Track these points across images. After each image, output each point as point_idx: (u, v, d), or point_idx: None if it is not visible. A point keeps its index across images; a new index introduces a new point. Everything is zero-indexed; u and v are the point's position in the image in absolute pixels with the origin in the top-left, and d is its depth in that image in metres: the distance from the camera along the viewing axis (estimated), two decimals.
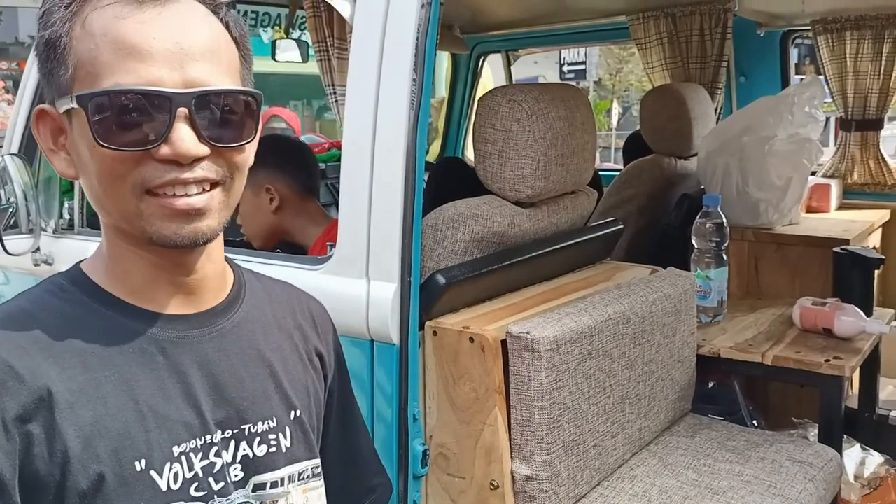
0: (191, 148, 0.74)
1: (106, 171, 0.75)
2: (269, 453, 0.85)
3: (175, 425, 0.78)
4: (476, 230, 1.49)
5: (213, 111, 0.76)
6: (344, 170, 1.36)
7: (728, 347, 1.80)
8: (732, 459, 1.53)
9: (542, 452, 1.29)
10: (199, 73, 0.75)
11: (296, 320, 0.96)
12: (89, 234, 1.82)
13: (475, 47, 3.68)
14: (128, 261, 0.81)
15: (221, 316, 0.85)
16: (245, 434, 0.83)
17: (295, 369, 0.92)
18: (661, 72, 2.94)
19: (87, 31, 0.74)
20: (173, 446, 0.78)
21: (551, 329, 1.31)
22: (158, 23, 0.74)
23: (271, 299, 0.94)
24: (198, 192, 0.77)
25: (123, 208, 0.77)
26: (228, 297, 0.88)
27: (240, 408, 0.83)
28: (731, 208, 2.23)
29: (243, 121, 0.79)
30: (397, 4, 1.29)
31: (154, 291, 0.81)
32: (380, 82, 1.31)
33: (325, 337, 0.99)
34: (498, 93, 1.54)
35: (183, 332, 0.82)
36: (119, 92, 0.73)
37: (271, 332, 0.91)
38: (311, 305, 1.00)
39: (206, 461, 0.80)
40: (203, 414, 0.80)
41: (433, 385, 1.35)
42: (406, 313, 1.28)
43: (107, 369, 0.76)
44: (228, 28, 0.81)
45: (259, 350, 0.88)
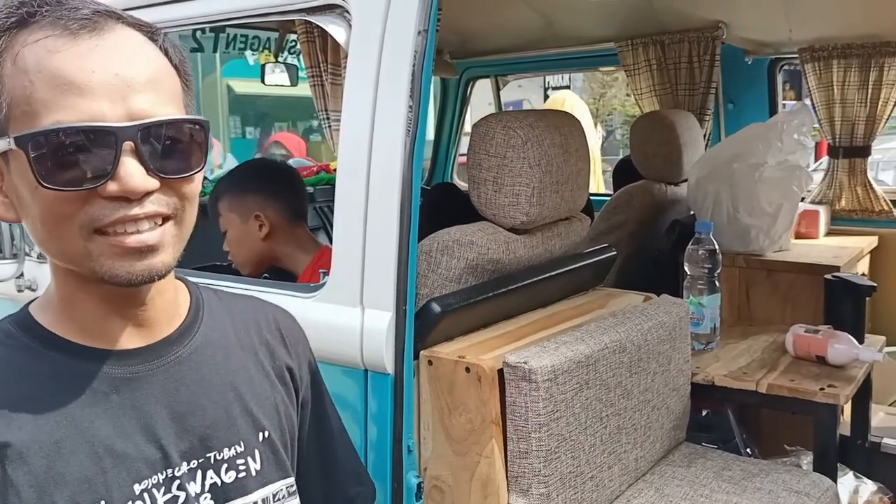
0: (139, 183, 0.71)
1: (49, 212, 0.72)
2: (239, 479, 0.83)
3: (134, 462, 0.76)
4: (471, 257, 1.47)
5: (159, 143, 0.73)
6: (338, 196, 1.35)
7: (722, 375, 1.79)
8: (729, 490, 1.52)
9: (539, 485, 1.27)
10: (142, 105, 0.72)
11: (261, 336, 0.93)
12: None
13: (464, 72, 3.70)
14: (77, 299, 0.78)
15: (177, 343, 0.83)
16: (211, 462, 0.82)
17: (261, 388, 0.89)
18: (650, 98, 2.96)
19: (20, 67, 0.70)
20: (134, 484, 0.76)
21: (548, 358, 1.29)
22: (96, 55, 0.71)
23: (233, 317, 0.92)
24: (150, 228, 0.74)
25: (70, 250, 0.73)
26: (184, 322, 0.85)
27: (203, 436, 0.82)
28: (721, 235, 2.24)
29: (191, 150, 0.76)
30: (393, 31, 1.28)
31: (105, 328, 0.79)
32: (375, 108, 1.30)
33: (294, 348, 0.96)
34: (492, 119, 1.54)
35: (136, 367, 0.79)
36: (60, 130, 0.69)
37: (233, 352, 0.89)
38: (278, 317, 0.98)
39: (169, 495, 0.78)
40: (164, 447, 0.78)
41: (428, 415, 1.33)
42: (401, 342, 1.26)
43: (58, 415, 0.74)
44: (168, 54, 0.79)
45: (220, 373, 0.86)
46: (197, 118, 0.78)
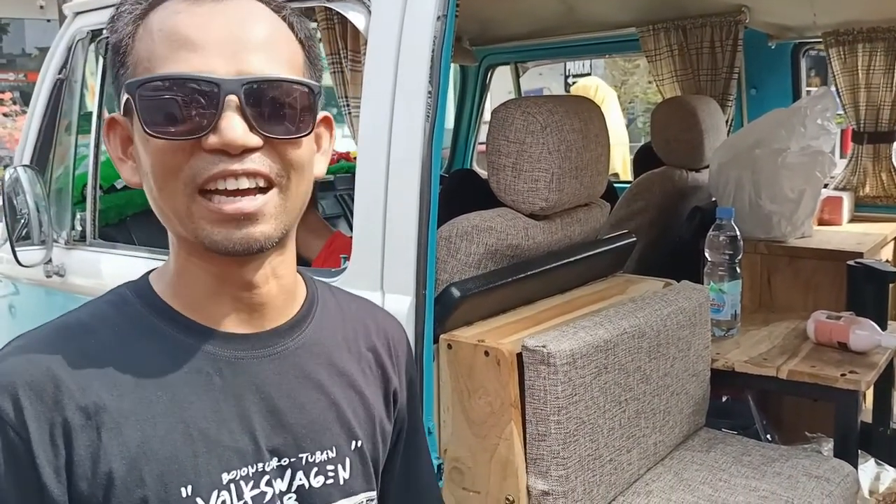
0: (239, 137, 0.70)
1: (158, 165, 0.72)
2: (326, 485, 0.81)
3: (226, 451, 0.75)
4: (490, 243, 1.48)
5: (265, 101, 0.72)
6: (359, 182, 1.36)
7: (742, 361, 1.79)
8: (748, 475, 1.52)
9: (558, 467, 1.28)
10: (253, 64, 0.72)
11: (369, 342, 0.90)
12: (101, 246, 1.82)
13: (484, 59, 3.69)
14: (189, 273, 0.77)
15: (286, 336, 0.81)
16: (302, 463, 0.79)
17: (361, 396, 0.86)
18: (672, 84, 2.94)
19: (147, 29, 0.73)
20: (222, 473, 0.74)
21: (567, 343, 1.30)
22: (214, 16, 0.72)
23: (344, 318, 0.89)
24: (250, 191, 0.72)
25: (176, 209, 0.73)
26: (296, 315, 0.83)
27: (298, 435, 0.79)
28: (743, 221, 2.22)
29: (298, 113, 0.74)
30: (413, 17, 1.29)
31: (215, 307, 0.78)
32: (395, 95, 1.31)
33: (397, 360, 0.93)
34: (512, 105, 1.54)
35: (243, 353, 0.78)
36: (165, 77, 0.70)
37: (339, 354, 0.86)
38: (388, 326, 0.94)
39: (258, 490, 0.76)
40: (257, 440, 0.77)
41: (448, 398, 1.34)
42: (421, 326, 1.27)
43: (159, 389, 0.73)
44: (293, 28, 0.78)
45: (324, 374, 0.83)
46: (308, 81, 0.76)
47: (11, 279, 2.07)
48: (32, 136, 1.94)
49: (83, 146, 1.94)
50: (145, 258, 1.72)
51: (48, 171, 1.89)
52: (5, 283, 2.10)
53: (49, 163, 1.91)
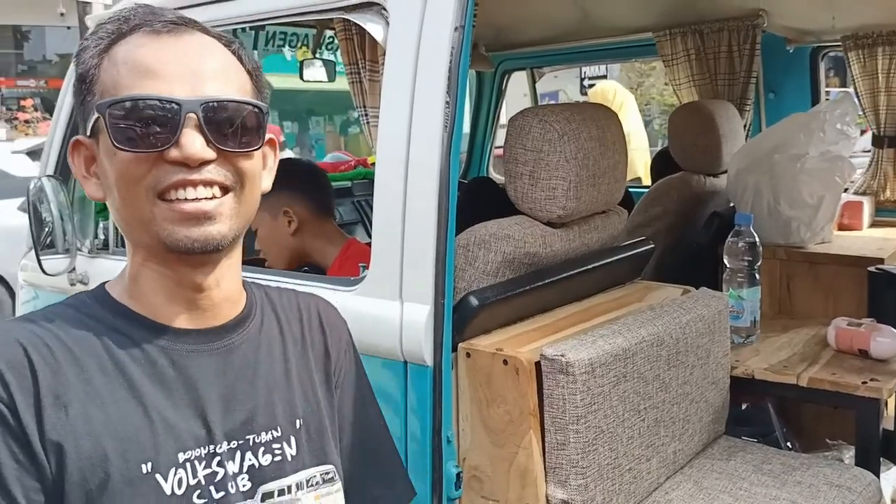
0: (197, 151, 0.80)
1: (123, 176, 0.81)
2: (275, 462, 0.89)
3: (181, 433, 0.82)
4: (508, 251, 1.48)
5: (220, 119, 0.82)
6: (377, 191, 1.37)
7: (762, 369, 1.78)
8: (769, 483, 1.51)
9: (577, 476, 1.28)
10: (209, 89, 0.82)
11: (303, 326, 0.99)
12: (123, 255, 1.84)
13: (500, 65, 3.69)
14: (145, 277, 0.86)
15: (232, 332, 0.90)
16: (250, 444, 0.87)
17: (302, 378, 0.95)
18: (689, 88, 2.93)
19: (112, 61, 0.83)
20: (178, 453, 0.82)
21: (586, 351, 1.30)
22: (173, 50, 0.83)
23: (279, 311, 0.98)
24: (207, 198, 0.82)
25: (139, 214, 0.81)
26: (241, 314, 0.92)
27: (245, 419, 0.87)
28: (762, 227, 2.21)
29: (249, 130, 0.85)
30: (430, 27, 1.30)
31: (169, 307, 0.86)
32: (413, 104, 1.31)
33: (333, 335, 1.02)
34: (529, 113, 1.54)
35: (193, 347, 0.86)
36: (133, 98, 0.80)
37: (278, 345, 0.95)
38: (320, 306, 1.04)
39: (209, 470, 0.83)
40: (209, 424, 0.84)
41: (466, 407, 1.35)
42: (440, 335, 1.28)
43: (120, 376, 0.81)
44: (241, 60, 0.89)
45: (266, 363, 0.92)
46: (257, 102, 0.86)
47: (34, 287, 2.09)
48: (56, 146, 1.97)
49: None
50: None
51: (71, 180, 1.91)
52: (27, 289, 2.13)
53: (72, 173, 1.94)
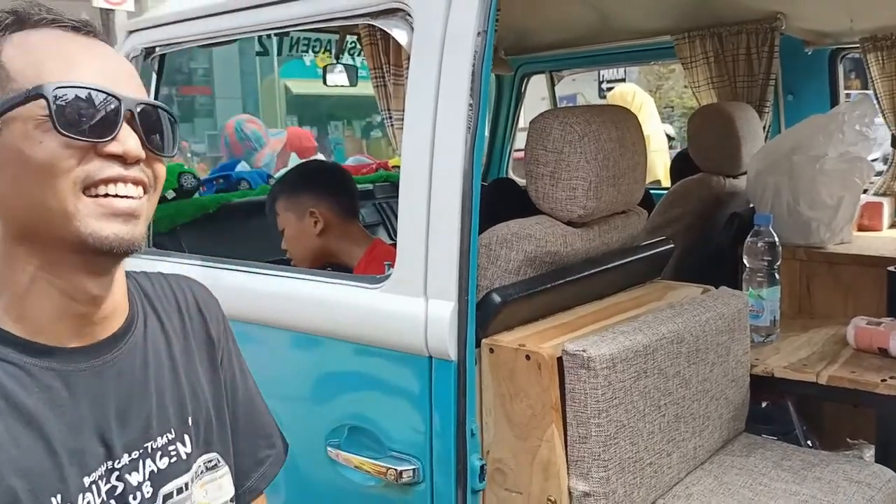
0: (135, 147, 0.80)
1: (48, 166, 0.76)
2: (171, 464, 0.89)
3: (85, 457, 0.81)
4: (529, 250, 1.52)
5: (150, 121, 0.83)
6: (402, 191, 1.40)
7: (782, 367, 1.79)
8: (788, 479, 1.53)
9: (598, 469, 1.31)
10: (133, 90, 0.83)
11: (182, 317, 0.99)
12: (156, 254, 1.89)
13: (519, 68, 3.73)
14: (35, 294, 0.80)
15: (120, 340, 0.88)
16: (149, 451, 0.88)
17: (188, 371, 0.96)
18: (708, 91, 2.95)
19: (24, 48, 0.79)
20: (84, 477, 0.81)
21: (607, 347, 1.33)
22: (94, 49, 0.83)
23: (156, 305, 0.96)
24: (136, 197, 0.81)
25: (60, 208, 0.77)
26: (127, 318, 0.89)
27: (142, 427, 0.87)
28: (781, 227, 2.22)
29: (168, 137, 0.87)
30: (454, 33, 1.33)
31: (58, 326, 0.82)
32: (437, 107, 1.35)
33: (211, 317, 1.03)
34: (550, 115, 1.57)
35: (85, 365, 0.83)
36: (82, 85, 0.78)
37: (163, 344, 0.94)
38: (195, 291, 1.04)
39: (109, 485, 0.83)
40: (109, 441, 0.84)
41: (490, 401, 1.38)
42: (463, 331, 1.31)
43: (15, 411, 0.78)
44: None
45: (153, 366, 0.91)
46: (174, 112, 0.89)
47: None
48: None
49: None
50: (197, 265, 1.79)
51: None
52: None
53: None
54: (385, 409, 1.44)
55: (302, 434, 1.57)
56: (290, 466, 1.60)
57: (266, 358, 1.69)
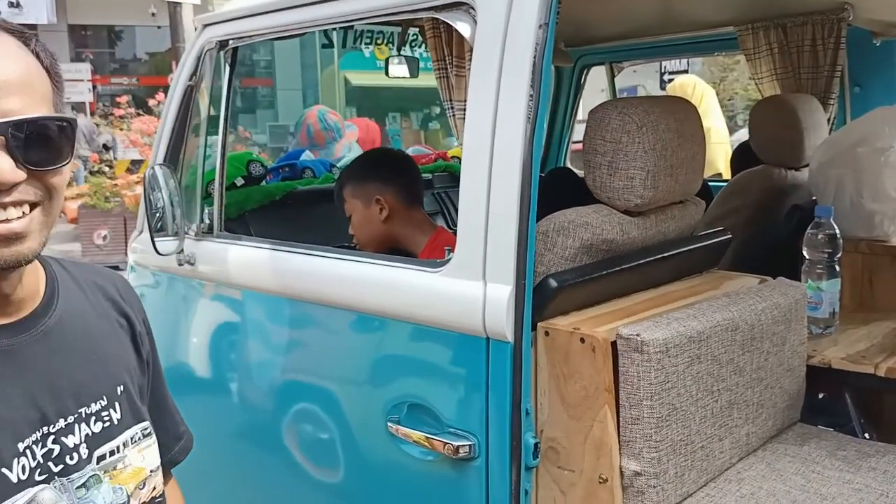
0: (8, 175, 0.80)
1: None
2: (105, 428, 0.96)
3: (17, 425, 0.86)
4: (585, 237, 1.55)
5: (28, 138, 0.81)
6: (463, 179, 1.46)
7: (839, 358, 1.79)
8: (842, 468, 1.54)
9: (650, 449, 1.34)
10: (13, 105, 0.80)
11: (108, 300, 1.05)
12: (227, 238, 1.99)
13: (578, 60, 3.73)
14: None
15: (42, 316, 0.93)
16: (83, 416, 0.94)
17: (116, 347, 1.02)
18: (771, 82, 2.91)
19: None
20: (17, 443, 0.86)
21: (661, 332, 1.36)
22: None
23: (80, 286, 1.02)
24: (17, 217, 0.82)
25: None
26: (45, 297, 0.94)
27: (74, 394, 0.93)
28: (844, 220, 2.20)
29: (58, 145, 0.85)
30: (516, 25, 1.38)
31: None
32: (498, 98, 1.40)
33: (133, 309, 1.08)
34: (609, 106, 1.61)
35: (11, 340, 0.88)
36: None
37: (90, 318, 1.00)
38: (116, 282, 1.09)
39: (45, 448, 0.89)
40: (41, 408, 0.89)
41: (544, 382, 1.43)
42: (520, 314, 1.36)
43: None
44: (39, 58, 0.87)
45: (81, 338, 0.97)
46: (65, 116, 0.86)
47: (143, 267, 2.28)
48: (166, 137, 2.13)
49: (210, 147, 2.13)
50: (266, 249, 1.88)
51: (180, 168, 2.08)
52: (137, 270, 2.32)
53: (180, 161, 2.11)
54: (443, 387, 1.50)
55: (363, 409, 1.66)
56: (351, 440, 1.69)
57: (330, 337, 1.77)
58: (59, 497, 0.90)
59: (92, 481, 0.94)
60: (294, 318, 1.86)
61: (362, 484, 1.71)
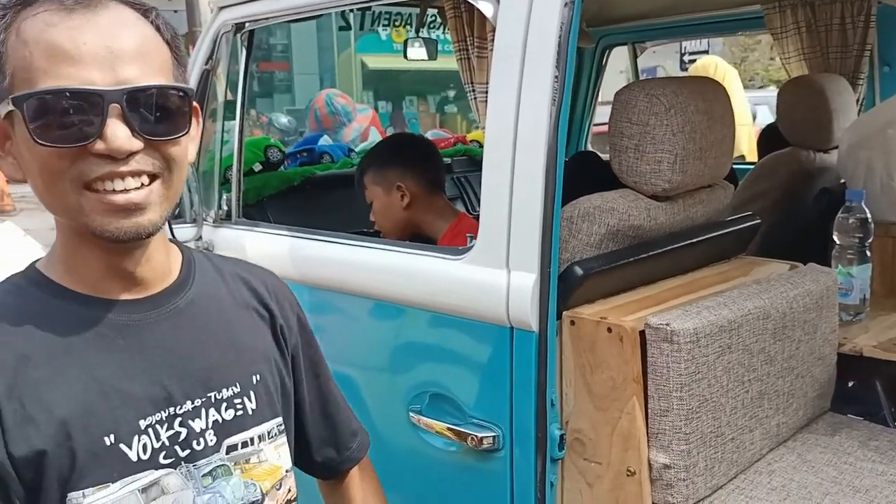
0: (124, 143, 0.78)
1: (45, 168, 0.79)
2: (237, 416, 0.92)
3: (139, 401, 0.84)
4: (612, 223, 1.51)
5: (144, 107, 0.80)
6: (486, 164, 1.42)
7: (871, 346, 1.74)
8: (875, 459, 1.50)
9: (680, 442, 1.31)
10: (129, 73, 0.79)
11: (251, 291, 1.02)
12: (244, 224, 1.97)
13: (600, 40, 3.66)
14: (79, 255, 0.85)
15: (174, 295, 0.91)
16: (212, 401, 0.90)
17: (252, 337, 0.98)
18: (799, 62, 2.84)
19: (21, 39, 0.78)
20: (139, 420, 0.84)
21: (691, 321, 1.32)
22: (88, 28, 0.78)
23: (223, 275, 1.00)
24: (136, 187, 0.80)
25: (65, 205, 0.80)
26: (178, 278, 0.93)
27: (203, 377, 0.90)
28: (874, 203, 2.14)
29: (175, 115, 0.83)
30: (541, 4, 1.33)
31: (106, 282, 0.86)
32: (522, 80, 1.36)
33: (282, 303, 1.05)
34: (635, 87, 1.56)
35: (139, 315, 0.87)
36: (52, 91, 0.77)
37: (226, 304, 0.97)
38: (265, 278, 1.06)
39: (172, 431, 0.86)
40: (167, 388, 0.87)
41: (570, 372, 1.39)
42: (545, 302, 1.33)
43: (67, 356, 0.82)
44: (159, 30, 0.85)
45: (215, 322, 0.94)
46: (182, 86, 0.85)
47: None
48: None
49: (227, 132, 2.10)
50: (285, 236, 1.86)
51: (196, 154, 2.05)
52: None
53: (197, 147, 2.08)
54: (466, 377, 1.48)
55: (384, 399, 1.63)
56: (372, 430, 1.66)
57: (350, 326, 1.75)
58: (184, 484, 0.87)
59: (220, 471, 0.90)
60: (314, 305, 1.83)
61: (383, 475, 1.67)
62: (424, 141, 2.41)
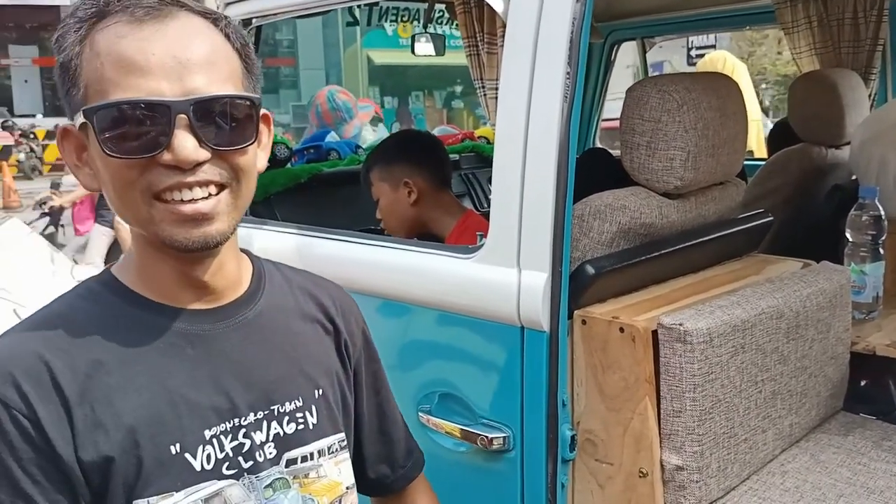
0: (191, 153, 0.79)
1: (116, 178, 0.80)
2: (298, 430, 0.91)
3: (205, 411, 0.85)
4: (623, 221, 1.50)
5: (211, 117, 0.80)
6: (496, 161, 1.41)
7: (884, 345, 1.73)
8: (889, 459, 1.48)
9: (692, 443, 1.29)
10: (197, 83, 0.79)
11: (317, 305, 1.01)
12: (252, 222, 1.96)
13: (609, 35, 3.64)
14: (153, 264, 0.86)
15: (244, 307, 0.91)
16: (275, 414, 0.90)
17: (317, 351, 0.98)
18: (810, 57, 2.81)
19: (94, 51, 0.79)
20: (205, 430, 0.84)
21: (704, 321, 1.30)
22: (157, 39, 0.79)
23: (291, 287, 1.00)
24: (203, 197, 0.81)
25: (136, 214, 0.82)
26: (249, 289, 0.93)
27: (267, 390, 0.90)
28: (887, 200, 2.11)
29: (242, 124, 0.83)
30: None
31: (178, 291, 0.87)
32: (533, 76, 1.34)
33: (347, 318, 1.04)
34: (647, 83, 1.54)
35: (209, 325, 0.88)
36: (121, 103, 0.78)
37: (293, 317, 0.97)
38: (332, 290, 1.06)
39: (236, 442, 0.86)
40: (232, 399, 0.87)
41: (581, 372, 1.38)
42: (556, 302, 1.31)
43: (139, 364, 0.83)
44: (229, 39, 0.85)
45: (282, 335, 0.94)
46: (248, 95, 0.84)
47: None
48: None
49: None
50: (292, 233, 1.84)
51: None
52: None
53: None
54: (476, 377, 1.46)
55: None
56: None
57: None
58: (247, 495, 0.87)
59: (279, 484, 0.90)
60: None
61: None
62: (431, 137, 2.40)
